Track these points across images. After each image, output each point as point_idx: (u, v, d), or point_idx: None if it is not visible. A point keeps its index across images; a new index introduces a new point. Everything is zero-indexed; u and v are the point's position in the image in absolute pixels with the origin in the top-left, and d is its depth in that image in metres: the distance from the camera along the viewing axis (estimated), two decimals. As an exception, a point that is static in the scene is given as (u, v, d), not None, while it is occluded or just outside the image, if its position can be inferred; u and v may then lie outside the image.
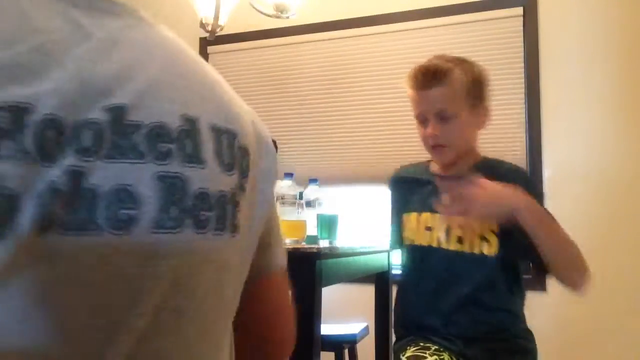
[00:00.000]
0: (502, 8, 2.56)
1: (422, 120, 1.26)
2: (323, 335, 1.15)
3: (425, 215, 1.29)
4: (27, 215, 0.34)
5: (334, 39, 2.90)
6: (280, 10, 2.36)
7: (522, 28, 2.56)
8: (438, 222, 1.26)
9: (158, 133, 0.41)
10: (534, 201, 1.12)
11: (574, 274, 1.14)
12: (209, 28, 2.28)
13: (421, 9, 2.71)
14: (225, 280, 0.48)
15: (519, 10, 2.56)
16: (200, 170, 0.44)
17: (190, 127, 0.44)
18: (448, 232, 1.24)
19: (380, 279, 1.91)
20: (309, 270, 1.10)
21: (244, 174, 0.50)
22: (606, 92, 2.42)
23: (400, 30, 2.76)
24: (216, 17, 2.25)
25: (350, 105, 2.84)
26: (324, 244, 1.31)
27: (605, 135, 2.40)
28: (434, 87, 1.21)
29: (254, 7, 2.38)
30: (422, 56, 3.02)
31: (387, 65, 2.77)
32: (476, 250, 1.21)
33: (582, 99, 2.44)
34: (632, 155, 2.36)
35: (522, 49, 2.55)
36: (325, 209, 1.38)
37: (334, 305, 2.54)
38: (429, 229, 1.27)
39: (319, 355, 1.11)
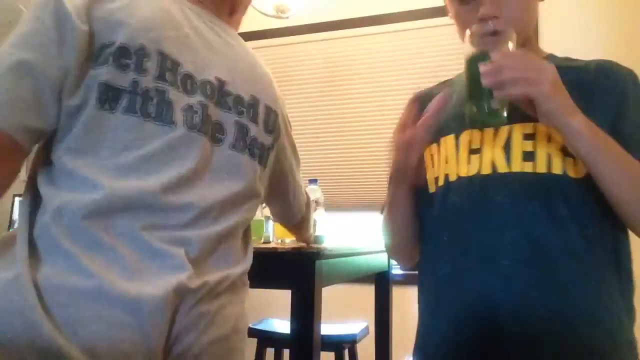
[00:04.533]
0: (502, 8, 2.56)
1: None
2: (323, 335, 1.15)
3: (467, 133, 0.85)
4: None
5: (333, 39, 2.90)
6: (280, 10, 2.36)
7: (522, 28, 2.56)
8: (489, 139, 0.81)
9: (238, 101, 0.82)
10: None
11: None
12: (209, 28, 2.28)
13: (421, 9, 2.71)
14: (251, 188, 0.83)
15: (519, 10, 2.56)
16: (255, 126, 0.84)
17: (254, 102, 0.84)
18: (508, 146, 0.80)
19: (380, 279, 1.91)
20: (309, 270, 1.10)
21: (276, 139, 0.90)
22: (606, 92, 2.42)
23: (400, 30, 2.76)
24: (216, 17, 2.25)
25: (350, 104, 2.84)
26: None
27: (605, 135, 2.40)
28: None
29: (254, 7, 2.38)
30: (422, 56, 3.01)
31: (387, 65, 2.77)
32: (556, 170, 0.77)
33: (582, 99, 2.44)
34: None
35: (522, 49, 2.55)
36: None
37: (334, 305, 2.54)
38: (475, 151, 0.83)
39: (319, 356, 1.11)
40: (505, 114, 0.73)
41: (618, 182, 0.72)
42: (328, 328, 1.94)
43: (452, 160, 0.85)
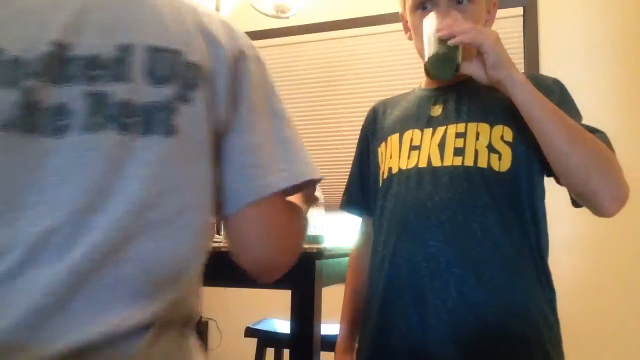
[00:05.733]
0: (502, 8, 2.55)
1: (423, 7, 0.98)
2: (323, 335, 1.15)
3: (409, 133, 0.95)
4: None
5: (333, 39, 2.90)
6: (280, 10, 2.36)
7: (522, 28, 2.56)
8: (427, 137, 0.92)
9: (90, 62, 0.57)
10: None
11: (596, 176, 0.85)
12: (209, 28, 2.28)
13: (421, 9, 2.71)
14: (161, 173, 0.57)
15: (519, 10, 2.56)
16: (125, 85, 0.57)
17: (123, 52, 0.58)
18: (443, 143, 0.90)
19: (380, 279, 1.90)
20: (309, 270, 1.10)
21: (188, 86, 0.59)
22: (607, 92, 2.41)
23: (400, 30, 2.76)
24: (216, 17, 2.24)
25: (351, 104, 2.84)
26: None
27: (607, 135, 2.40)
28: None
29: (254, 7, 2.38)
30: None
31: (387, 65, 2.77)
32: (482, 164, 0.86)
33: (582, 100, 2.44)
34: (635, 155, 2.35)
35: (522, 49, 2.55)
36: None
37: (334, 305, 2.54)
38: (415, 147, 0.93)
39: (318, 355, 1.11)
40: (459, 60, 0.82)
41: (555, 129, 0.80)
42: (328, 328, 1.94)
43: (395, 156, 0.95)
